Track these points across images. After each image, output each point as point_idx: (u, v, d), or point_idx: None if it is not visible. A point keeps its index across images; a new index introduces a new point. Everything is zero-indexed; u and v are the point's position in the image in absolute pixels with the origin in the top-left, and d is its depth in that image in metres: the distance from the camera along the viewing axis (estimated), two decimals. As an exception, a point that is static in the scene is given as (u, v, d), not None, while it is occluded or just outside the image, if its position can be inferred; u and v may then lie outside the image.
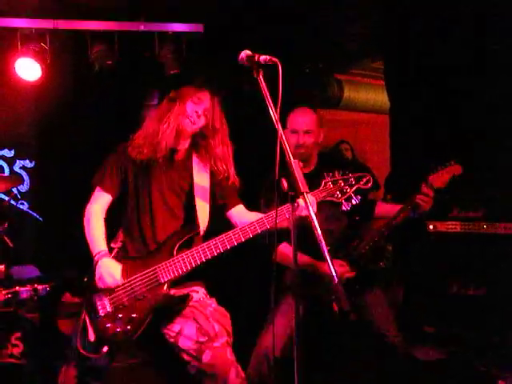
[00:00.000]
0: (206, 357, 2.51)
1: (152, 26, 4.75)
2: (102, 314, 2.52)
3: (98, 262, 2.57)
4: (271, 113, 2.07)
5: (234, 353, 2.59)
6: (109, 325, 2.49)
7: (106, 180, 2.75)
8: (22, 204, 5.45)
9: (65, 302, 4.54)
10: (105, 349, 2.46)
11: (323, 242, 1.94)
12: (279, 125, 2.05)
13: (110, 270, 2.54)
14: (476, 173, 3.61)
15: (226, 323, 2.63)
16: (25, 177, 5.44)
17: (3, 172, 5.34)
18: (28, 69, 4.62)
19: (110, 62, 4.71)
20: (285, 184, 2.06)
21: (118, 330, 2.49)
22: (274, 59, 2.11)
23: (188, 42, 4.78)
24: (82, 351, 2.47)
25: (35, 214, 5.51)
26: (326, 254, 1.93)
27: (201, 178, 2.77)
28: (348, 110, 6.24)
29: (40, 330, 3.63)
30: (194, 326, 2.58)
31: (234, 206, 2.84)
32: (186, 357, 2.57)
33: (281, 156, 2.03)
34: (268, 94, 2.08)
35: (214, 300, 2.72)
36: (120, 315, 2.51)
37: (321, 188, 2.58)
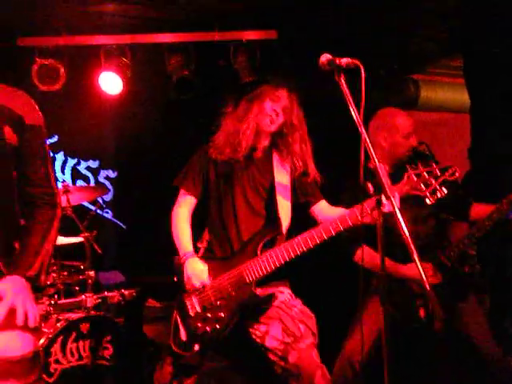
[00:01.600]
0: (292, 358, 2.52)
1: (226, 36, 4.84)
2: (192, 314, 2.59)
3: (184, 263, 2.64)
4: (354, 116, 2.05)
5: (319, 354, 2.58)
6: (199, 324, 2.56)
7: (189, 182, 2.81)
8: (107, 212, 5.69)
9: (149, 307, 4.71)
10: (196, 347, 2.54)
11: (411, 243, 1.89)
12: (363, 128, 2.03)
13: (196, 271, 2.60)
14: None
15: (311, 324, 2.62)
16: (108, 186, 5.68)
17: (89, 182, 5.61)
18: (111, 82, 4.83)
19: (186, 73, 4.84)
20: (370, 188, 2.04)
21: (208, 329, 2.55)
22: (355, 62, 2.09)
23: (262, 48, 4.83)
24: (175, 349, 2.56)
25: (118, 222, 5.73)
26: (415, 255, 1.88)
27: (281, 176, 2.78)
28: (425, 111, 6.08)
29: (127, 334, 3.76)
30: (279, 327, 2.60)
31: (316, 203, 2.82)
32: (272, 357, 2.60)
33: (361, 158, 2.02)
34: (350, 97, 2.08)
35: (299, 301, 2.72)
36: (209, 315, 2.57)
37: (404, 181, 2.50)
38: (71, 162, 5.57)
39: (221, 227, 2.75)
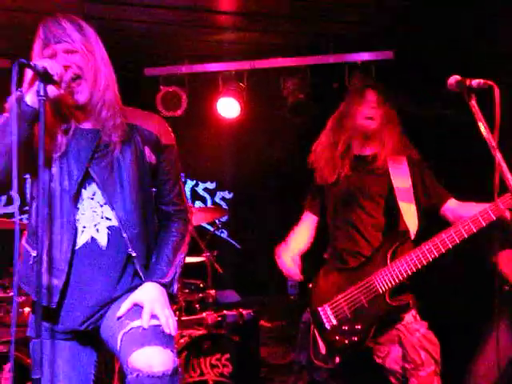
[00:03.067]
0: None
1: (341, 58, 4.86)
2: (329, 327, 2.58)
3: None
4: (488, 139, 1.98)
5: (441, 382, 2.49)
6: (337, 337, 2.56)
7: (309, 201, 2.96)
8: (222, 232, 5.86)
9: (262, 327, 4.76)
10: (337, 359, 2.54)
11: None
12: (497, 152, 1.95)
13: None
14: None
15: (434, 351, 2.53)
16: (224, 207, 5.86)
17: (206, 203, 5.82)
18: (228, 107, 5.02)
19: (302, 96, 4.91)
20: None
21: (346, 342, 2.54)
22: (488, 82, 2.02)
23: (378, 69, 4.79)
24: (315, 362, 2.57)
25: (234, 242, 5.89)
26: None
27: (400, 180, 2.70)
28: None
29: (244, 352, 3.82)
30: (400, 351, 2.54)
31: (444, 204, 2.69)
32: (393, 380, 2.56)
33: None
34: (483, 119, 2.00)
35: (424, 324, 2.61)
36: (345, 327, 2.56)
37: None
38: (190, 183, 5.82)
39: (344, 239, 2.75)
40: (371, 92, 2.78)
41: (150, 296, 1.89)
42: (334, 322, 2.58)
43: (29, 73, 1.77)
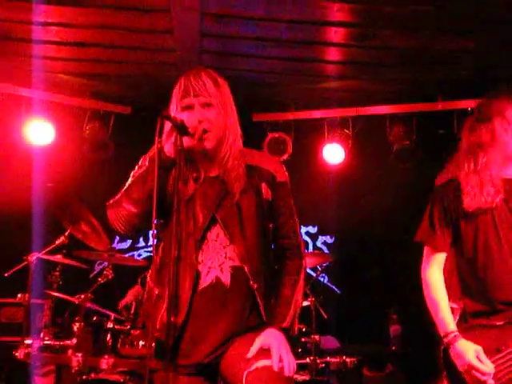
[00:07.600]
0: None
1: (450, 105, 4.81)
2: None
3: (450, 346, 2.30)
4: None
5: None
6: None
7: (436, 238, 2.42)
8: (322, 277, 5.84)
9: (365, 377, 4.66)
10: None
11: None
12: None
13: (476, 357, 2.23)
14: None
15: None
16: (325, 251, 5.85)
17: (307, 247, 5.84)
18: (333, 153, 5.10)
19: (407, 142, 4.89)
20: None
21: None
22: None
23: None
24: None
25: (333, 287, 5.85)
26: None
27: None
28: None
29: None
30: None
31: None
32: None
33: None
34: None
35: None
36: None
37: None
38: (292, 226, 5.87)
39: (477, 283, 2.36)
40: None
41: (276, 340, 1.94)
42: None
43: (167, 125, 1.94)
